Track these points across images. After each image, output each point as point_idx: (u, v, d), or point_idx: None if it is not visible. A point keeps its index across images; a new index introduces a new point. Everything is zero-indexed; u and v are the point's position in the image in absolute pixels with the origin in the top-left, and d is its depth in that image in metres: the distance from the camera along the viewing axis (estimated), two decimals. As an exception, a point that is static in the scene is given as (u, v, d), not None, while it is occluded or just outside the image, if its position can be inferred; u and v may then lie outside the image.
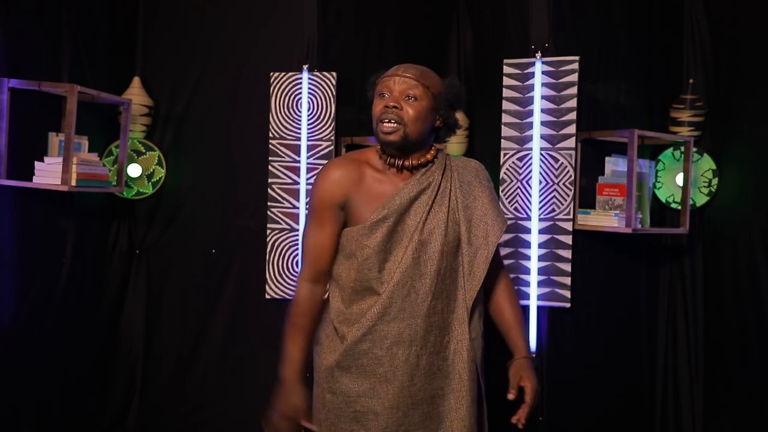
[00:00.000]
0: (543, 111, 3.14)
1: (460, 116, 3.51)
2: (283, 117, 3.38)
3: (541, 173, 3.15)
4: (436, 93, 1.96)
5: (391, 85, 1.95)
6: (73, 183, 3.00)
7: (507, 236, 3.21)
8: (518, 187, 3.19)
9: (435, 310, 1.95)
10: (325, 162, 3.32)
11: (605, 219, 3.13)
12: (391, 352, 1.94)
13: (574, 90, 3.11)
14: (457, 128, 2.06)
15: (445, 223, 1.97)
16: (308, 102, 3.35)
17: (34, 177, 3.00)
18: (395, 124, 1.92)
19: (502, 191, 3.23)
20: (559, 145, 3.13)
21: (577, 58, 3.11)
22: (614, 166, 3.24)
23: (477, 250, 1.99)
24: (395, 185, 1.98)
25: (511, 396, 1.93)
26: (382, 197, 1.96)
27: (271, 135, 3.38)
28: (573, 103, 3.11)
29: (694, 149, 3.31)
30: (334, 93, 3.34)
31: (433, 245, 1.95)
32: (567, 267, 3.12)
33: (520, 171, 3.19)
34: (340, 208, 1.99)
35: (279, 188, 3.38)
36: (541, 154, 3.15)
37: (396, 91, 1.94)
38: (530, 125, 3.16)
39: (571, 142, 3.12)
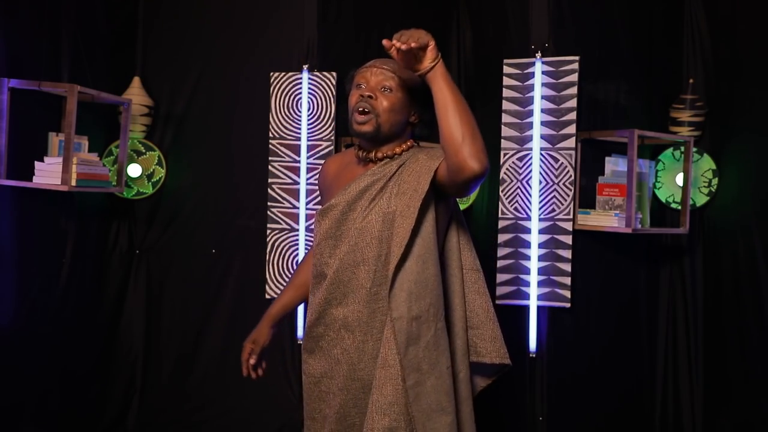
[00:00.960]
0: (543, 111, 3.14)
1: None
2: (283, 117, 3.38)
3: (541, 173, 3.15)
4: (412, 87, 1.97)
5: (368, 76, 1.99)
6: (73, 183, 3.00)
7: (507, 236, 3.21)
8: (518, 187, 3.19)
9: (377, 297, 1.92)
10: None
11: (605, 219, 3.13)
12: (340, 335, 1.96)
13: (574, 90, 3.11)
14: (434, 127, 2.02)
15: (384, 209, 1.93)
16: (308, 102, 3.35)
17: (34, 177, 3.00)
18: (368, 115, 1.94)
19: (502, 191, 3.23)
20: (559, 145, 3.13)
21: (577, 58, 3.11)
22: (614, 166, 3.24)
23: (404, 219, 1.88)
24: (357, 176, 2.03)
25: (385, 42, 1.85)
26: (331, 188, 2.05)
27: (271, 135, 3.38)
28: (573, 103, 3.11)
29: (694, 149, 3.31)
30: (334, 93, 3.34)
31: (371, 231, 1.93)
32: (567, 267, 3.12)
33: (520, 171, 3.19)
34: (325, 196, 2.12)
35: (279, 188, 3.38)
36: (541, 154, 3.15)
37: (372, 82, 1.97)
38: (530, 125, 3.16)
39: (571, 142, 3.12)
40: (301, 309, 3.38)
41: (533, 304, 3.16)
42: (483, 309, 2.06)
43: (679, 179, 3.36)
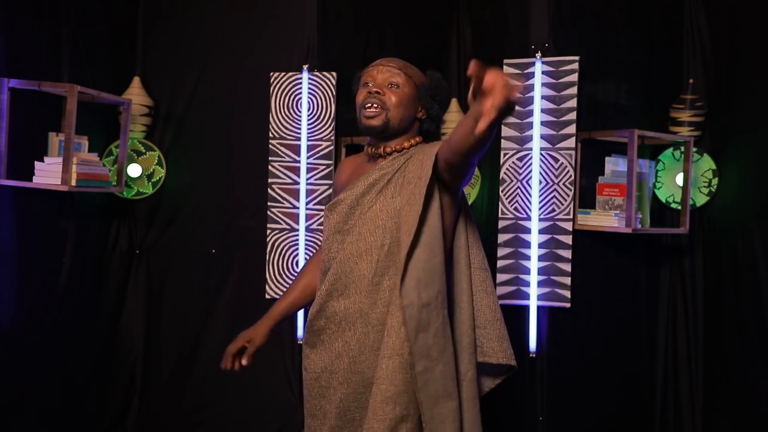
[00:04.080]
0: (543, 111, 3.14)
1: (459, 116, 3.54)
2: (283, 117, 3.38)
3: (541, 173, 3.15)
4: (419, 83, 2.02)
5: (375, 74, 2.01)
6: (73, 183, 3.00)
7: (507, 236, 3.21)
8: (518, 187, 3.19)
9: (380, 287, 1.93)
10: (325, 162, 3.33)
11: (605, 219, 3.13)
12: (341, 328, 1.96)
13: (574, 90, 3.11)
14: (441, 122, 2.08)
15: (390, 200, 1.95)
16: (308, 102, 3.35)
17: (34, 177, 3.00)
18: (378, 109, 1.97)
19: (502, 191, 3.23)
20: (559, 145, 3.13)
21: (577, 58, 3.11)
22: (614, 166, 3.24)
23: (411, 207, 1.89)
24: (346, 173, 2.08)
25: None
26: (337, 182, 2.09)
27: (271, 135, 3.38)
28: (573, 103, 3.11)
29: (694, 149, 3.31)
30: (334, 93, 3.34)
31: (374, 221, 1.94)
32: (567, 267, 3.12)
33: (520, 171, 3.19)
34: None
35: (279, 188, 3.38)
36: (541, 154, 3.15)
37: (379, 79, 2.00)
38: (530, 125, 3.16)
39: (571, 142, 3.12)
40: (301, 310, 3.38)
41: (533, 304, 3.16)
42: (490, 308, 2.05)
43: (679, 179, 3.36)
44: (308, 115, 3.36)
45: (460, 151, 1.77)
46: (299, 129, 3.36)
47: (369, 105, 1.97)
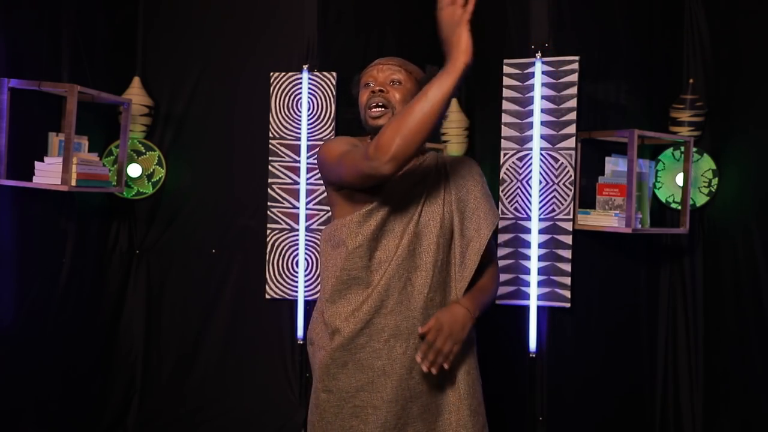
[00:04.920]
0: (543, 111, 3.14)
1: (459, 116, 3.54)
2: (283, 117, 3.38)
3: (541, 173, 3.15)
4: (419, 78, 2.02)
5: (375, 73, 2.02)
6: (73, 183, 3.00)
7: (507, 236, 3.21)
8: (518, 187, 3.19)
9: (432, 303, 1.94)
10: (325, 162, 3.33)
11: (605, 219, 3.13)
12: (389, 345, 1.91)
13: (574, 90, 3.11)
14: (444, 119, 2.08)
15: (440, 215, 1.97)
16: (308, 102, 3.35)
17: (34, 177, 3.00)
18: (383, 108, 1.96)
19: (502, 191, 3.23)
20: (559, 145, 3.13)
21: (577, 58, 3.11)
22: (614, 166, 3.24)
23: (469, 242, 1.99)
24: None
25: (420, 330, 1.87)
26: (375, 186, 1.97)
27: (271, 135, 3.38)
28: (573, 103, 3.11)
29: (694, 149, 3.31)
30: (334, 93, 3.34)
31: (428, 237, 1.95)
32: (567, 267, 3.12)
33: (520, 171, 3.19)
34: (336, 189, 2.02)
35: (279, 188, 3.38)
36: (541, 154, 3.15)
37: (380, 78, 2.00)
38: (530, 125, 3.16)
39: (571, 142, 3.12)
40: (301, 310, 3.38)
41: (533, 304, 3.15)
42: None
43: (679, 179, 3.36)
44: (308, 115, 3.36)
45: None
46: (299, 129, 3.36)
47: (374, 104, 1.97)
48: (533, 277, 3.15)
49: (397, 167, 1.73)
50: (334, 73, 3.34)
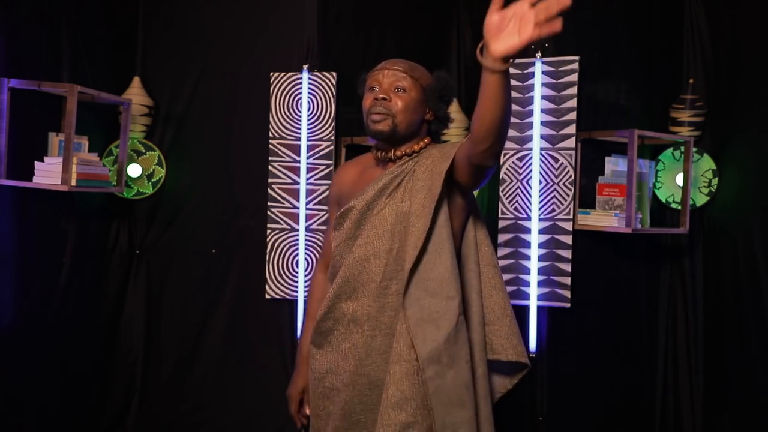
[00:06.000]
0: (543, 111, 3.14)
1: (459, 116, 3.54)
2: (283, 117, 3.38)
3: (541, 173, 3.15)
4: (426, 85, 2.00)
5: (380, 78, 2.00)
6: (73, 183, 3.00)
7: (507, 236, 3.21)
8: (518, 187, 3.19)
9: (388, 291, 1.94)
10: (325, 162, 3.33)
11: (605, 219, 3.13)
12: (349, 329, 1.97)
13: (574, 90, 3.11)
14: (449, 121, 2.07)
15: (399, 204, 1.96)
16: (308, 102, 3.35)
17: (34, 177, 3.00)
18: (384, 115, 1.95)
19: (502, 191, 3.23)
20: (559, 145, 3.13)
21: (577, 58, 3.11)
22: (614, 166, 3.24)
23: (418, 219, 1.91)
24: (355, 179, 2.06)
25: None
26: (352, 191, 2.04)
27: (271, 135, 3.38)
28: (573, 103, 3.11)
29: (694, 149, 3.31)
30: (334, 93, 3.34)
31: (383, 225, 1.96)
32: (567, 267, 3.12)
33: (520, 171, 3.19)
34: (337, 204, 2.13)
35: (279, 188, 3.38)
36: (541, 154, 3.15)
37: (385, 84, 1.98)
38: (530, 125, 3.16)
39: (571, 142, 3.12)
40: (301, 310, 3.38)
41: (533, 304, 3.16)
42: (499, 305, 2.04)
43: (679, 179, 3.36)
44: (308, 115, 3.36)
45: (472, 170, 1.81)
46: (299, 129, 3.36)
47: (376, 111, 1.96)
48: (533, 277, 3.15)
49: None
50: (334, 73, 3.34)
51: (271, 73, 3.38)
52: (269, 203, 3.38)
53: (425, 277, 1.88)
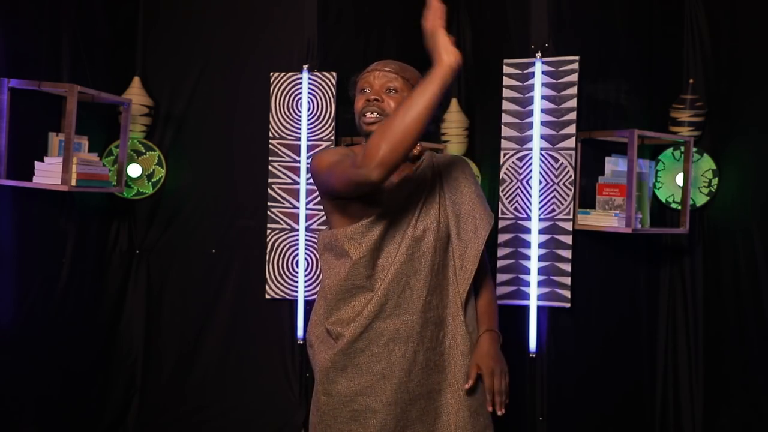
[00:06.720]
0: (543, 111, 3.14)
1: (459, 116, 3.54)
2: (283, 117, 3.38)
3: (541, 173, 3.15)
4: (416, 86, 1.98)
5: (372, 80, 2.00)
6: (73, 183, 3.00)
7: (507, 236, 3.21)
8: (518, 187, 3.19)
9: (430, 305, 1.96)
10: (325, 162, 3.33)
11: (605, 219, 3.13)
12: (387, 349, 1.92)
13: (574, 90, 3.11)
14: (440, 122, 2.08)
15: (437, 219, 1.99)
16: (308, 102, 3.35)
17: (34, 177, 3.00)
18: (377, 116, 1.95)
19: (502, 191, 3.23)
20: (559, 145, 3.13)
21: (577, 58, 3.11)
22: (614, 166, 3.24)
23: (467, 244, 2.00)
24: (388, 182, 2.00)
25: (467, 385, 1.94)
26: (374, 194, 1.95)
27: (271, 135, 3.38)
28: (573, 103, 3.11)
29: (694, 149, 3.31)
30: (334, 93, 3.34)
31: (426, 241, 1.96)
32: (567, 267, 3.12)
33: (520, 171, 3.19)
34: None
35: (279, 188, 3.38)
36: (541, 154, 3.15)
37: (377, 85, 1.99)
38: (530, 125, 3.16)
39: (571, 142, 3.12)
40: (301, 310, 3.39)
41: (533, 304, 3.16)
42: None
43: (679, 179, 3.36)
44: (308, 115, 3.36)
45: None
46: (299, 129, 3.36)
47: (368, 112, 1.97)
48: (533, 277, 3.15)
49: (386, 173, 1.72)
50: (334, 73, 3.34)
51: (271, 73, 3.38)
52: (269, 203, 3.38)
53: (471, 297, 2.05)
